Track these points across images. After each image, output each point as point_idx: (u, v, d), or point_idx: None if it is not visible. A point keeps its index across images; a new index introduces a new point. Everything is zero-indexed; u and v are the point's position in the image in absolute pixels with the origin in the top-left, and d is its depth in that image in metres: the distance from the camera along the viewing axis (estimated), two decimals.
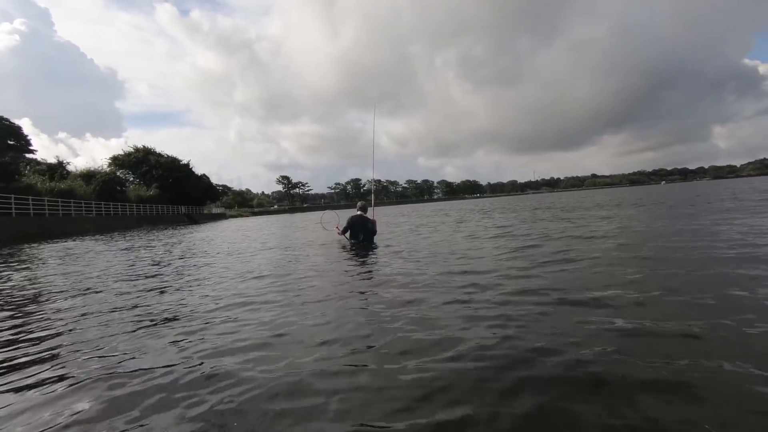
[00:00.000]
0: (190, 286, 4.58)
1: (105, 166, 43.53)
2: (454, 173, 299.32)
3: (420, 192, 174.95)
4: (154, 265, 6.77)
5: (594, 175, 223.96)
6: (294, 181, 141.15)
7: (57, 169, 32.68)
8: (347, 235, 7.68)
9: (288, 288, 4.07)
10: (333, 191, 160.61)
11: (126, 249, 10.42)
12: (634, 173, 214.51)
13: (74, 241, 15.24)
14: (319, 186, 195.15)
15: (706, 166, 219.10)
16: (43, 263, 7.99)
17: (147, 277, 5.47)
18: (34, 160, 35.44)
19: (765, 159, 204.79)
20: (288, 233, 14.02)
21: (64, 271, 6.45)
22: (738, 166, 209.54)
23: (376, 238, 7.91)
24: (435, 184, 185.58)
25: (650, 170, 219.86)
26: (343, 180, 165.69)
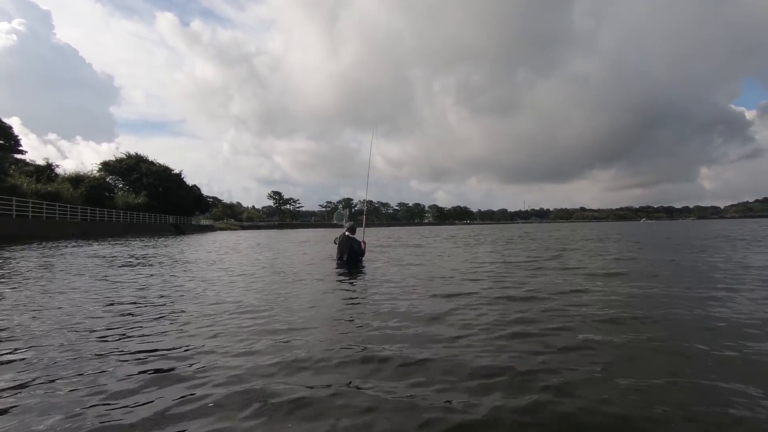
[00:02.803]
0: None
1: (95, 171, 43.04)
2: (445, 198, 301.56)
3: (411, 215, 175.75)
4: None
5: (583, 208, 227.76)
6: (285, 197, 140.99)
7: (45, 171, 32.24)
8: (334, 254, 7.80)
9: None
10: (324, 209, 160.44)
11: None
12: (621, 208, 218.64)
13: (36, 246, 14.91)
14: (310, 203, 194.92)
15: (692, 206, 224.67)
16: None
17: None
18: (23, 161, 35.00)
19: (747, 202, 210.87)
20: (279, 252, 13.88)
21: None
22: (722, 207, 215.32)
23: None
24: (426, 208, 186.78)
25: (637, 206, 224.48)
26: (334, 199, 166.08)
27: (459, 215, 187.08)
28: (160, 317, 3.65)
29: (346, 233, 7.71)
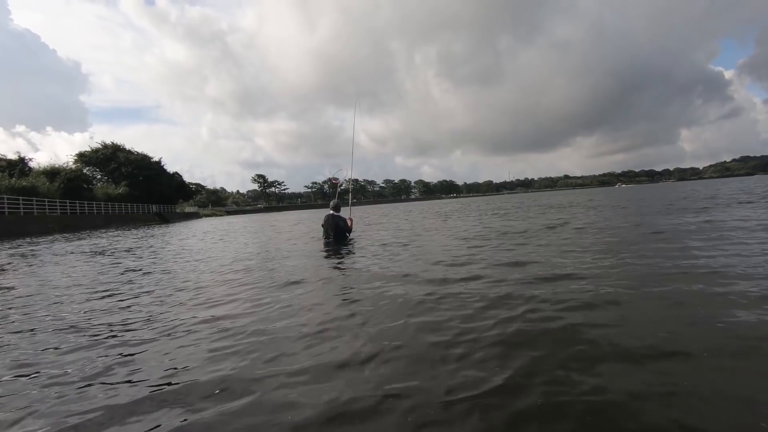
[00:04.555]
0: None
1: (70, 163, 41.82)
2: (431, 173, 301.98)
3: (397, 191, 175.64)
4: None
5: (567, 176, 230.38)
6: (270, 179, 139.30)
7: (17, 165, 31.23)
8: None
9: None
10: (310, 190, 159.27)
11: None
12: (604, 174, 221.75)
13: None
14: (295, 185, 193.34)
15: (672, 168, 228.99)
16: None
17: None
18: None
19: (725, 162, 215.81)
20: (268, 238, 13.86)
21: None
22: (701, 168, 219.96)
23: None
24: (412, 184, 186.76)
25: (619, 171, 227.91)
26: (320, 179, 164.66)
27: (445, 189, 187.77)
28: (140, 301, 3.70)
29: (331, 212, 7.78)
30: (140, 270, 5.97)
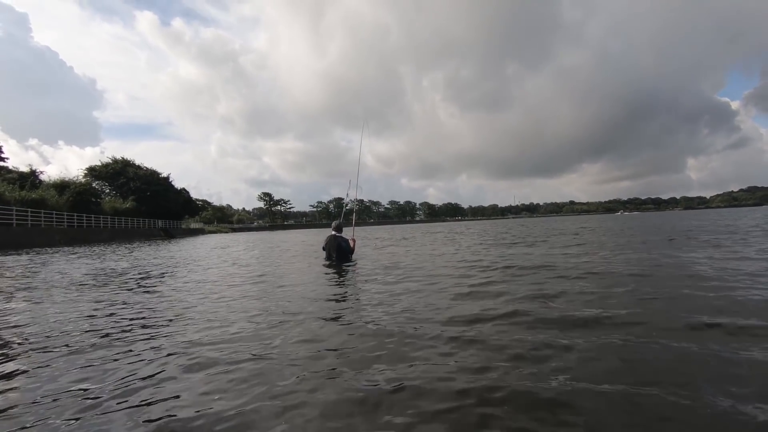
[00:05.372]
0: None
1: (80, 177, 42.44)
2: (436, 195, 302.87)
3: (402, 213, 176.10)
4: None
5: (572, 202, 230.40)
6: (276, 198, 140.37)
7: (28, 178, 31.74)
8: (324, 254, 7.97)
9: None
10: (315, 209, 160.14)
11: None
12: (610, 201, 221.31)
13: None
14: (300, 204, 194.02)
15: (678, 197, 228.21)
16: None
17: None
18: (5, 168, 34.43)
19: (732, 192, 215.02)
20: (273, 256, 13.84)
21: None
22: (708, 197, 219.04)
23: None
24: (417, 206, 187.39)
25: (625, 199, 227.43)
26: (325, 198, 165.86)
27: (450, 212, 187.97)
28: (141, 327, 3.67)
29: (333, 233, 7.78)
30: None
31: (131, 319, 3.66)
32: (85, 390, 2.09)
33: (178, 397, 1.98)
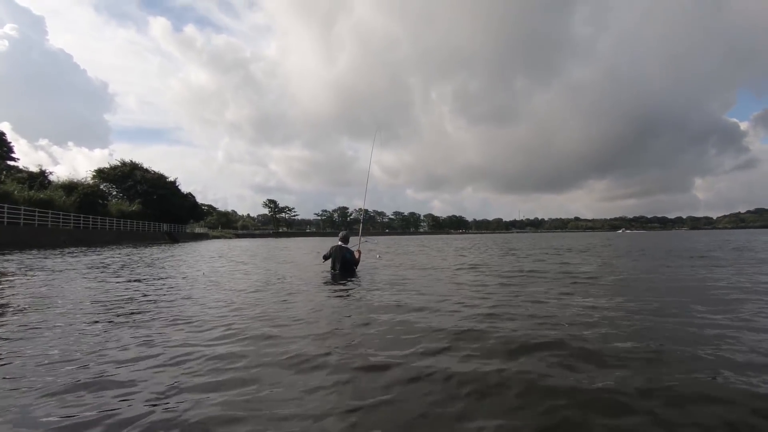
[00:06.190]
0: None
1: (89, 178, 42.77)
2: (441, 207, 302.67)
3: (406, 224, 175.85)
4: None
5: (577, 218, 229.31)
6: (281, 205, 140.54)
7: (38, 178, 32.03)
8: (328, 263, 7.87)
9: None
10: (319, 218, 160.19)
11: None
12: (615, 219, 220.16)
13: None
14: (305, 212, 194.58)
15: (685, 216, 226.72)
16: None
17: None
18: (15, 167, 34.80)
19: (739, 213, 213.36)
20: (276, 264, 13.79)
21: None
22: (714, 218, 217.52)
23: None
24: (422, 218, 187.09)
25: (631, 217, 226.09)
26: (330, 207, 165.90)
27: (454, 224, 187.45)
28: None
29: (339, 243, 7.73)
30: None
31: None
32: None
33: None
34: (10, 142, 37.81)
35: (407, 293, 5.46)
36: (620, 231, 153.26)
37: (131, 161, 50.84)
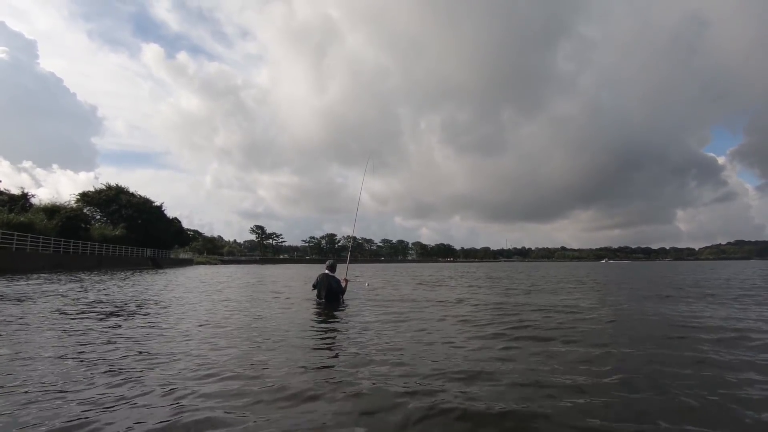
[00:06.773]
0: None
1: (72, 202, 42.02)
2: (429, 235, 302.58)
3: (394, 252, 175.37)
4: None
5: (563, 248, 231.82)
6: (268, 231, 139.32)
7: (19, 201, 31.38)
8: (315, 292, 7.82)
9: None
10: (307, 245, 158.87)
11: None
12: (600, 248, 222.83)
13: None
14: (293, 238, 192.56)
15: (668, 247, 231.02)
16: None
17: None
18: None
19: (721, 245, 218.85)
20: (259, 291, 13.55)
21: None
22: (697, 249, 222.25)
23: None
24: (410, 245, 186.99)
25: (616, 247, 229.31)
26: (318, 234, 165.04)
27: (442, 253, 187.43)
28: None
29: (326, 271, 7.70)
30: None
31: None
32: None
33: None
34: None
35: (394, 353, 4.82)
36: (603, 261, 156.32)
37: (117, 185, 50.28)
